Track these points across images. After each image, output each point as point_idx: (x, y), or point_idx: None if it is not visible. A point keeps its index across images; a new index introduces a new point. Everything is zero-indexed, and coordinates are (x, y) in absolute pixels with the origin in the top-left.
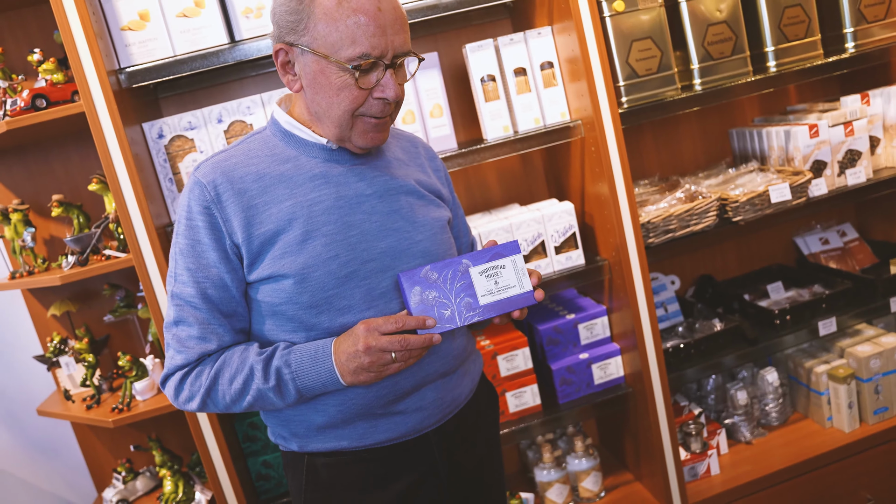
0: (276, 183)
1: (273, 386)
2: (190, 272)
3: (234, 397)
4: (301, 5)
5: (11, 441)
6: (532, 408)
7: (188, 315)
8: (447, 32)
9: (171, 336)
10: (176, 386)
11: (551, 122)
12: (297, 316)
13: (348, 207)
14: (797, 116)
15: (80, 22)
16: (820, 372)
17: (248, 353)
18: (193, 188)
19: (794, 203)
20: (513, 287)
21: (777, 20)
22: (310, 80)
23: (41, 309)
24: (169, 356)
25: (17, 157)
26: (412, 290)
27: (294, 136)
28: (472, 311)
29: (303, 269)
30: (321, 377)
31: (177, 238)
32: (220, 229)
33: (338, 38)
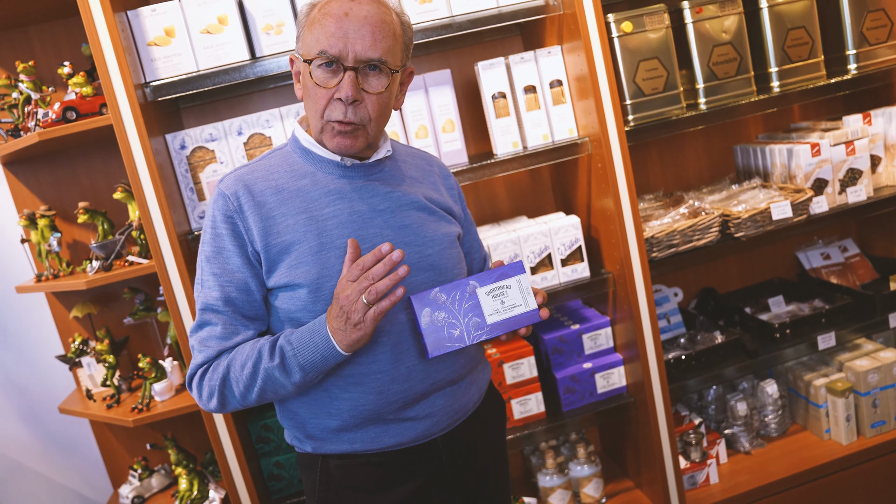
0: (293, 197)
1: (278, 364)
2: (215, 277)
3: (247, 383)
4: (302, 17)
5: (31, 437)
6: (536, 415)
7: (212, 317)
8: (460, 49)
9: (196, 339)
10: (197, 384)
11: (559, 139)
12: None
13: (361, 222)
14: (800, 134)
15: (109, 38)
16: (819, 385)
17: (258, 341)
18: (218, 199)
19: (795, 220)
20: (518, 306)
21: (781, 41)
22: (302, 84)
23: (63, 310)
24: (193, 357)
25: (45, 164)
26: (422, 311)
27: (311, 153)
28: (479, 329)
29: (317, 280)
30: (319, 348)
31: (203, 246)
32: (242, 237)
33: (311, 39)
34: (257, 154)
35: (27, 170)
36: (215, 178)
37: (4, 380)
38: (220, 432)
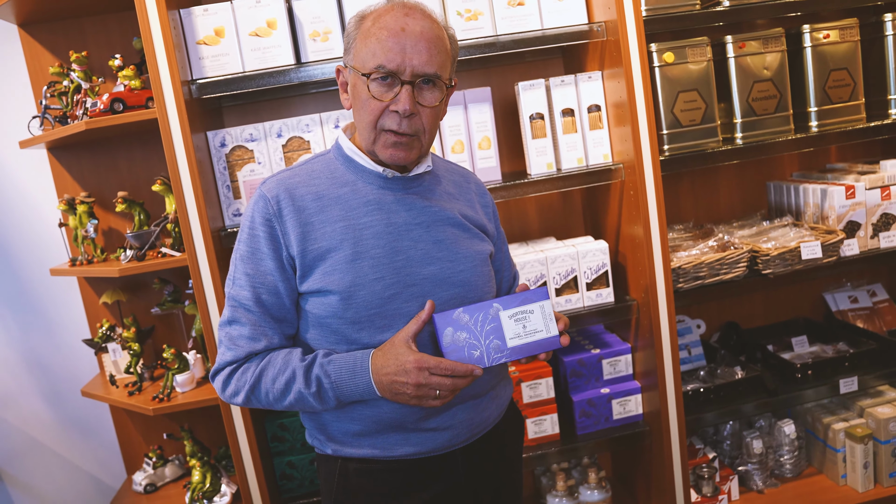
0: (332, 204)
1: (314, 392)
2: (248, 277)
3: (277, 396)
4: (353, 28)
5: (52, 416)
6: (550, 436)
7: (241, 316)
8: (501, 68)
9: (224, 334)
10: (224, 380)
11: (594, 163)
12: (340, 329)
13: (396, 234)
14: (835, 175)
15: (161, 34)
16: (838, 429)
17: (291, 356)
18: (258, 200)
19: (825, 261)
20: (540, 331)
21: (823, 82)
22: (352, 95)
23: (93, 295)
24: (220, 353)
25: (88, 152)
26: (444, 329)
27: (354, 161)
28: (499, 352)
29: (350, 287)
30: (359, 389)
31: (238, 245)
32: (278, 241)
33: (366, 52)
34: (295, 157)
35: (70, 156)
36: (252, 177)
37: (31, 358)
38: (237, 428)
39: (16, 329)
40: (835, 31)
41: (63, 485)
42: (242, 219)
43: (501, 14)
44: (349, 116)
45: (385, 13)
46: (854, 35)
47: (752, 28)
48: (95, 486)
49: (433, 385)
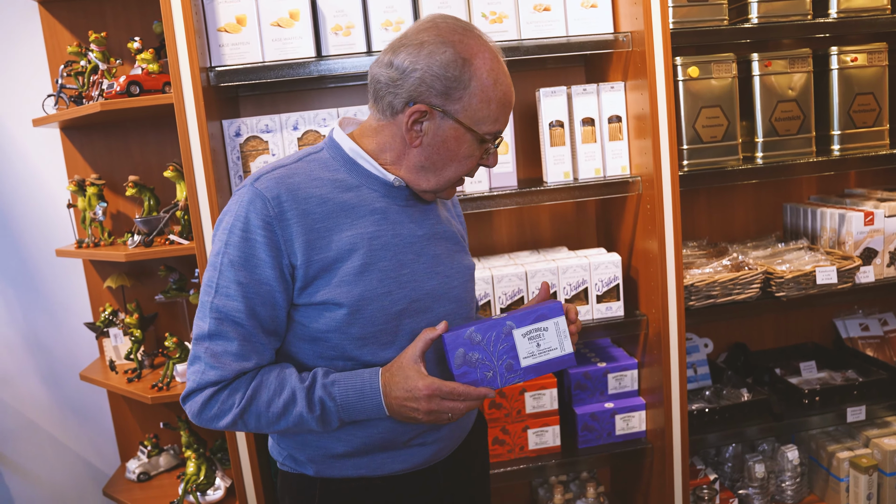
0: (338, 210)
1: (318, 416)
2: (240, 286)
3: (272, 420)
4: (463, 74)
5: (49, 399)
6: (551, 448)
7: (229, 330)
8: (521, 72)
9: (204, 349)
10: (204, 402)
11: (611, 175)
12: (340, 345)
13: (402, 246)
14: (854, 201)
15: (183, 20)
16: (842, 458)
17: (286, 376)
18: (255, 200)
19: (839, 287)
20: (554, 349)
21: (847, 106)
22: (438, 142)
23: (98, 279)
24: (198, 370)
25: (101, 134)
26: (456, 351)
27: (358, 165)
28: (512, 372)
29: (358, 301)
30: (367, 411)
31: (225, 248)
32: (279, 247)
33: (486, 114)
34: None
35: (83, 137)
36: None
37: (31, 339)
38: None
39: (18, 308)
40: (863, 54)
41: (56, 468)
42: (226, 218)
43: (527, 18)
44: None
45: (498, 70)
46: (882, 60)
47: (777, 47)
48: (88, 471)
49: (445, 410)
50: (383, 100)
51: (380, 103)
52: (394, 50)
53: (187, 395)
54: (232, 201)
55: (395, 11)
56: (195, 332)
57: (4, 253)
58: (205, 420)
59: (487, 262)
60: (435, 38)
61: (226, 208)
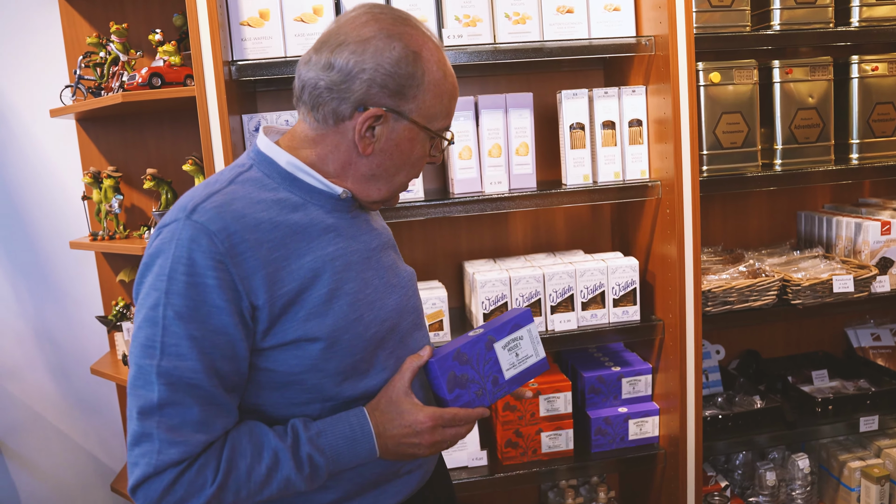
0: (291, 233)
1: (307, 475)
2: (193, 341)
3: (253, 491)
4: (416, 70)
5: (57, 392)
6: (564, 451)
7: (184, 396)
8: (540, 74)
9: (156, 423)
10: (165, 488)
11: (630, 179)
12: (318, 385)
13: (361, 263)
14: (869, 211)
15: (207, 12)
16: (854, 467)
17: (260, 436)
18: (197, 236)
19: (855, 296)
20: (530, 357)
21: (867, 114)
22: (391, 146)
23: (110, 272)
24: (151, 450)
25: (117, 126)
26: (447, 375)
27: (299, 181)
28: (497, 386)
29: (332, 333)
30: (358, 458)
31: (167, 298)
32: (236, 288)
33: (439, 109)
34: None
35: (99, 129)
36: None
37: (41, 331)
38: None
39: (28, 300)
40: (883, 63)
41: (61, 462)
42: (158, 262)
43: (550, 20)
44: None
45: (443, 61)
46: None
47: (794, 55)
48: (94, 466)
49: (448, 438)
50: (325, 106)
51: (319, 111)
52: (331, 49)
53: (139, 482)
54: (162, 240)
55: (419, 10)
56: (138, 406)
57: (16, 244)
58: None
59: (504, 264)
60: (379, 32)
61: (153, 249)
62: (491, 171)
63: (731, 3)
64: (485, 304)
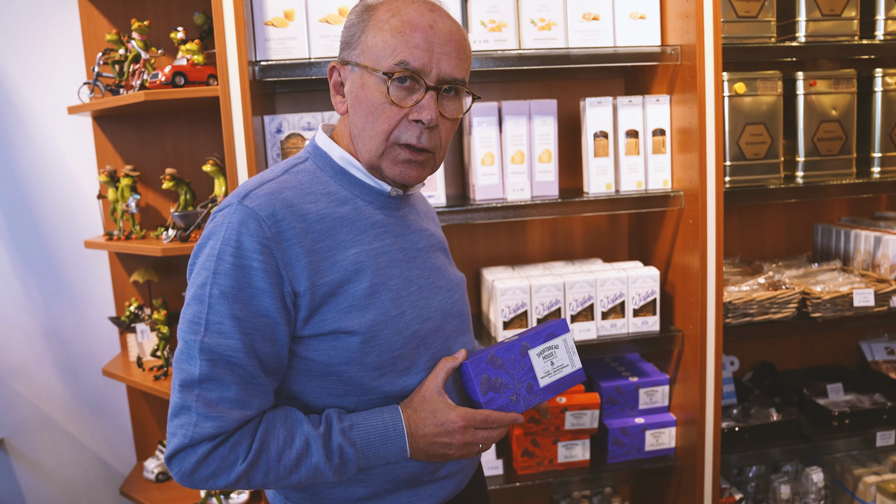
0: (338, 226)
1: (336, 465)
2: (236, 320)
3: (282, 474)
4: (359, 20)
5: (66, 393)
6: (580, 462)
7: (225, 372)
8: (562, 81)
9: (195, 397)
10: (200, 459)
11: (652, 188)
12: (355, 378)
13: (407, 261)
14: (887, 224)
15: (233, 13)
16: (870, 482)
17: (294, 422)
18: (247, 220)
19: (875, 310)
20: (566, 366)
21: (889, 128)
22: (353, 97)
23: (123, 273)
24: (188, 423)
25: (134, 125)
26: (480, 377)
27: (351, 176)
28: (532, 393)
29: (372, 327)
30: (389, 455)
31: (214, 278)
32: (279, 273)
33: (382, 47)
34: None
35: (115, 127)
36: None
37: (51, 331)
38: None
39: (39, 299)
40: None
41: (68, 463)
42: (210, 243)
43: (575, 27)
44: None
45: (404, 5)
46: None
47: (814, 67)
48: (102, 469)
49: (479, 440)
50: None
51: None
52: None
53: (175, 452)
54: (215, 223)
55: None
56: (180, 378)
57: (28, 241)
58: (198, 480)
59: (523, 272)
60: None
61: (207, 231)
62: (513, 177)
63: (758, 13)
64: (504, 311)
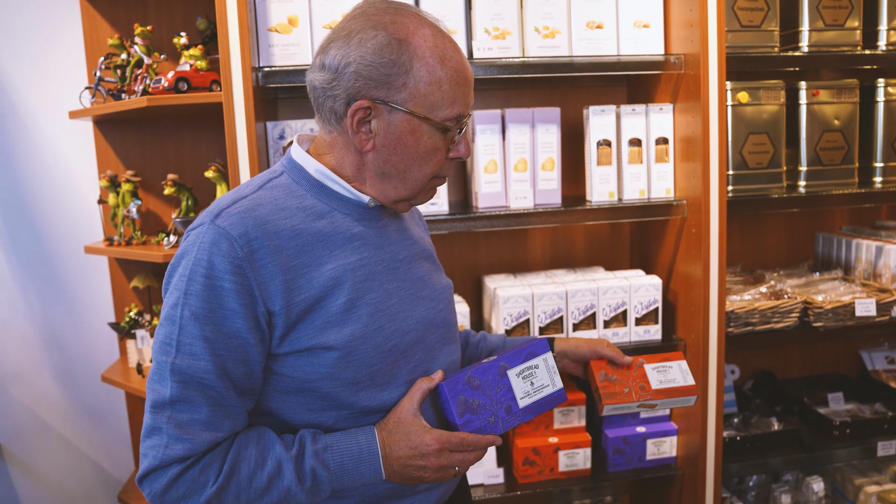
0: (314, 241)
1: (308, 488)
2: (207, 342)
3: (253, 497)
4: (400, 58)
5: (63, 399)
6: (581, 470)
7: (195, 394)
8: (565, 89)
9: (166, 419)
10: (169, 482)
11: (655, 197)
12: (332, 393)
13: (386, 273)
14: (888, 233)
15: (237, 18)
16: (870, 492)
17: (266, 443)
18: (218, 240)
19: (877, 320)
20: (546, 387)
21: (892, 138)
22: (392, 140)
23: (123, 278)
24: (159, 444)
25: (135, 130)
26: (457, 399)
27: (327, 188)
28: (511, 414)
29: (349, 342)
30: (364, 477)
31: (185, 299)
32: (252, 293)
33: (440, 98)
34: None
35: (117, 132)
36: None
37: (49, 336)
38: None
39: (37, 304)
40: None
41: (65, 469)
42: (182, 263)
43: (579, 35)
44: None
45: (443, 46)
46: None
47: (816, 77)
48: (99, 475)
49: (454, 463)
50: (324, 107)
51: (322, 112)
52: (323, 49)
53: (146, 473)
54: (188, 242)
55: (449, 21)
56: (151, 399)
57: (28, 246)
58: (169, 502)
59: (524, 280)
60: (363, 24)
61: (180, 250)
62: (516, 185)
63: (761, 23)
64: (507, 319)
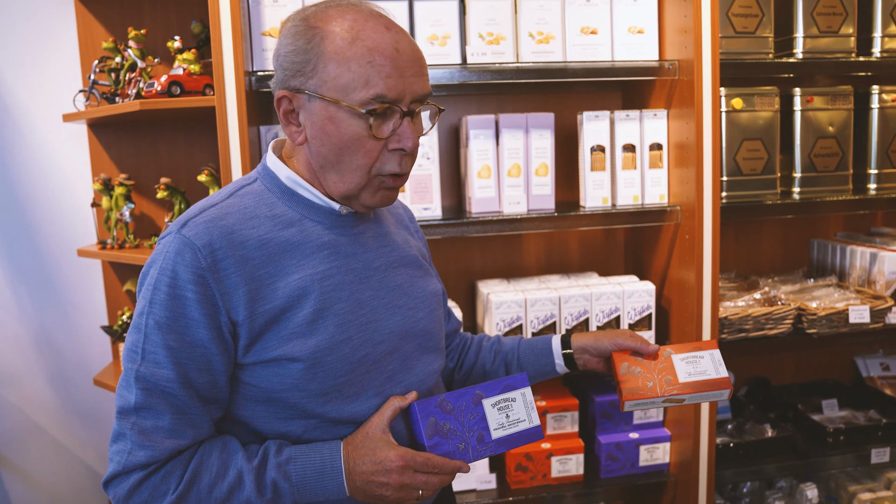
0: (281, 251)
1: (269, 499)
2: (170, 351)
3: None
4: (309, 44)
5: (56, 402)
6: (574, 476)
7: (159, 402)
8: (559, 95)
9: (130, 425)
10: (132, 488)
11: (649, 203)
12: (300, 404)
13: (358, 282)
14: (883, 240)
15: (231, 22)
16: (864, 499)
17: (229, 452)
18: (182, 250)
19: (871, 327)
20: (522, 421)
21: (886, 145)
22: (317, 130)
23: (116, 281)
24: (123, 450)
25: (129, 133)
26: (427, 420)
27: (297, 195)
28: (483, 444)
29: (314, 354)
30: (326, 492)
31: (150, 308)
32: (215, 304)
33: (350, 79)
34: None
35: (111, 135)
36: None
37: (42, 339)
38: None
39: (31, 307)
40: None
41: (58, 472)
42: (150, 272)
43: (573, 41)
44: None
45: (359, 24)
46: None
47: (811, 83)
48: (92, 479)
49: (417, 485)
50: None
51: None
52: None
53: (111, 478)
54: (156, 252)
55: (443, 26)
56: (118, 405)
57: (20, 248)
58: None
59: (518, 285)
60: (293, 17)
61: (150, 259)
62: (510, 191)
63: (755, 29)
64: (499, 325)
